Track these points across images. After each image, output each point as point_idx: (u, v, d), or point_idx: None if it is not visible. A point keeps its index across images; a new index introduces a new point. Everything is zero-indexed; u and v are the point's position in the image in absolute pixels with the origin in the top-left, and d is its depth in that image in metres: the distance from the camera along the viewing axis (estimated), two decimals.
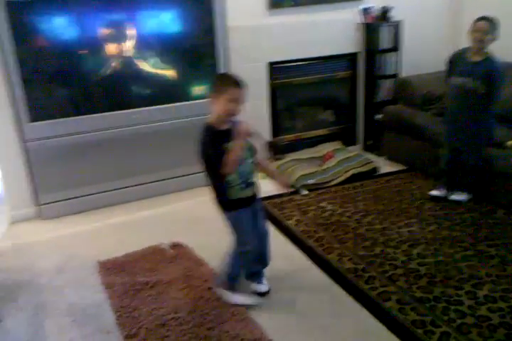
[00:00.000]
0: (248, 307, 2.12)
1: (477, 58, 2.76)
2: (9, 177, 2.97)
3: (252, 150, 2.04)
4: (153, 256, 2.51)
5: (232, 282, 2.17)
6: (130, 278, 2.31)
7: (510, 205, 2.90)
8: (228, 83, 1.92)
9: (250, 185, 2.05)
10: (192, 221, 2.95)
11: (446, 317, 2.04)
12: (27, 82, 2.78)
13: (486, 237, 2.64)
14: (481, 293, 2.18)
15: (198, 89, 3.33)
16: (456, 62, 2.87)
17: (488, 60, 2.74)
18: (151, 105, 3.17)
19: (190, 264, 2.42)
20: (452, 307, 2.10)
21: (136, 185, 3.27)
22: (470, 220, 2.83)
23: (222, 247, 2.60)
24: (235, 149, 1.88)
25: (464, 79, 2.78)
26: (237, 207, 2.03)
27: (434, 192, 3.10)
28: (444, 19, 4.11)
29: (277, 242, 2.68)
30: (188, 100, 3.28)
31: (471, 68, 2.75)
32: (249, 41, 3.44)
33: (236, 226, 2.07)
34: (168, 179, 3.36)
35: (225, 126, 1.96)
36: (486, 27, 2.67)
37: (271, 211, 3.04)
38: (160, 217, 3.04)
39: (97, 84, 3.01)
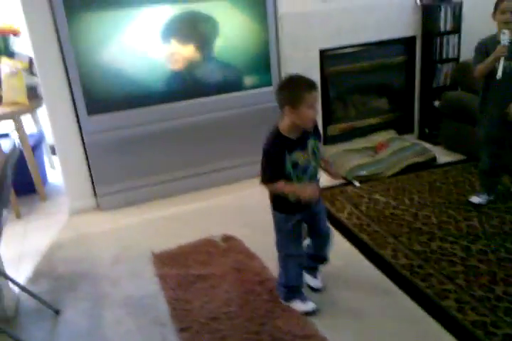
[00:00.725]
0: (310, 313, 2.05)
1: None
2: (69, 170, 3.09)
3: (317, 154, 1.91)
4: (205, 249, 2.55)
5: (292, 294, 2.09)
6: (183, 270, 2.36)
7: None
8: (304, 88, 1.75)
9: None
10: (243, 213, 2.96)
11: (508, 318, 1.93)
12: (84, 76, 2.85)
13: None
14: None
15: (250, 79, 3.32)
16: (489, 50, 2.51)
17: None
18: (204, 96, 3.19)
19: (242, 257, 2.43)
20: None
21: (189, 177, 3.31)
22: None
23: (272, 240, 2.61)
24: (292, 188, 1.83)
25: (509, 63, 2.47)
26: (287, 211, 1.95)
27: (476, 200, 2.80)
28: None
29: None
30: (241, 90, 3.28)
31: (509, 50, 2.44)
32: (301, 28, 3.35)
33: (279, 229, 2.02)
34: (220, 170, 3.38)
35: (296, 135, 1.84)
36: None
37: None
38: (211, 209, 3.07)
39: (153, 76, 3.04)
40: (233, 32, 3.16)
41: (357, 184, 3.19)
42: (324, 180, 3.36)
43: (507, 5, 2.42)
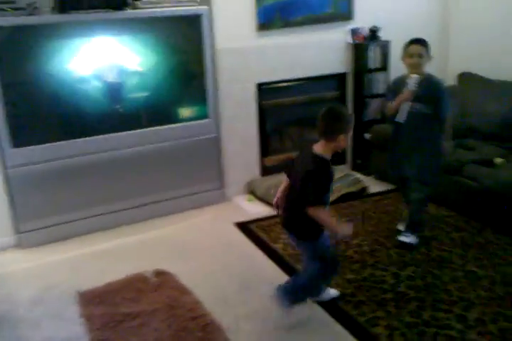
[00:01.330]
0: None
1: (418, 76, 2.56)
2: None
3: None
4: (135, 285, 2.45)
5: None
6: (111, 309, 2.25)
7: (499, 224, 2.85)
8: (350, 119, 1.99)
9: None
10: (176, 247, 2.90)
11: None
12: (9, 106, 2.75)
13: (475, 258, 2.59)
14: (471, 316, 2.12)
15: (186, 111, 3.34)
16: (399, 87, 2.61)
17: (429, 80, 2.58)
18: (138, 128, 3.16)
19: (174, 293, 2.35)
20: (442, 332, 2.04)
21: (118, 211, 3.22)
22: (459, 240, 2.78)
23: (208, 273, 2.57)
24: (334, 223, 2.00)
25: (411, 104, 2.57)
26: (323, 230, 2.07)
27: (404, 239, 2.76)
28: (432, 39, 4.13)
29: (264, 266, 2.65)
30: (177, 122, 3.28)
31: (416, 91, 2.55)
32: (238, 63, 3.45)
33: (323, 248, 2.10)
34: (154, 203, 3.32)
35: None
36: (421, 50, 2.53)
37: (258, 234, 2.99)
38: (143, 243, 2.98)
39: (79, 108, 2.99)
40: (170, 65, 3.20)
41: None
42: (262, 209, 3.41)
43: (414, 49, 2.55)
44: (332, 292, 2.34)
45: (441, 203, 3.19)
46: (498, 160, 3.08)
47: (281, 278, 2.51)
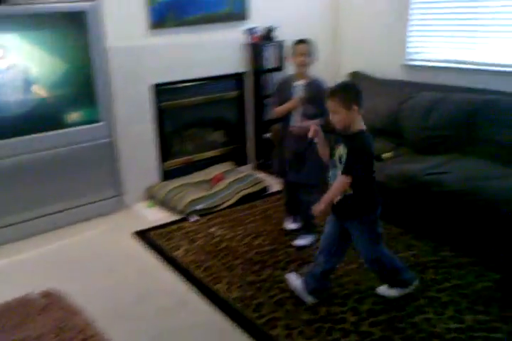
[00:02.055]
0: None
1: (305, 81, 2.65)
2: None
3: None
4: (20, 309, 2.24)
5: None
6: None
7: (388, 215, 3.01)
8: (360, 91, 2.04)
9: None
10: (65, 264, 2.71)
11: (330, 337, 2.04)
12: None
13: None
14: (363, 308, 2.21)
15: (76, 115, 3.12)
16: (285, 89, 2.70)
17: (315, 82, 2.67)
18: (17, 136, 2.88)
19: (63, 314, 2.18)
20: (337, 327, 2.10)
21: (6, 226, 2.94)
22: None
23: (103, 289, 2.43)
24: None
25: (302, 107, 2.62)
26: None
27: (292, 226, 2.91)
28: (324, 40, 4.29)
29: (162, 276, 2.56)
30: (64, 127, 3.05)
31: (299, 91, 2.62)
32: (132, 62, 3.30)
33: (375, 228, 2.17)
34: (40, 217, 3.06)
35: None
36: (308, 49, 2.61)
37: (157, 242, 2.89)
38: (31, 261, 2.75)
39: None
40: (57, 65, 2.97)
41: (192, 219, 3.17)
42: (162, 215, 3.30)
43: (301, 48, 2.63)
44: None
45: None
46: (386, 155, 3.27)
47: (180, 287, 2.45)
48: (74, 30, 3.00)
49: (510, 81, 3.15)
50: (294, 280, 2.33)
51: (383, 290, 2.32)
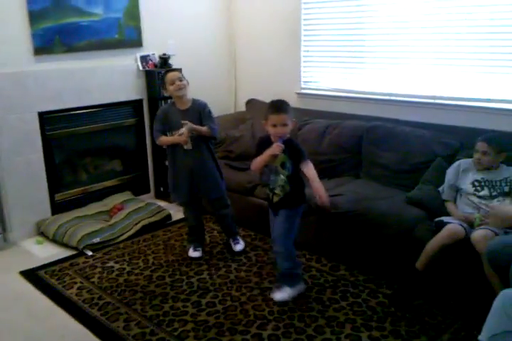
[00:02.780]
0: None
1: (186, 106, 2.77)
2: None
3: (287, 168, 2.38)
4: None
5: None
6: None
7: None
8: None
9: (275, 194, 2.43)
10: None
11: None
12: None
13: (269, 274, 2.73)
14: (265, 334, 2.21)
15: None
16: (169, 117, 2.78)
17: (196, 102, 2.79)
18: None
19: None
20: None
21: None
22: (255, 259, 2.91)
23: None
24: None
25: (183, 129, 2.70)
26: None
27: (195, 254, 2.93)
28: (222, 69, 4.39)
29: (55, 319, 2.36)
30: None
31: (183, 117, 2.72)
32: (14, 89, 3.10)
33: (295, 220, 2.48)
34: None
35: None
36: (179, 74, 2.74)
37: (48, 281, 2.67)
38: None
39: None
40: None
41: (89, 253, 2.98)
42: (54, 252, 3.07)
43: (172, 75, 2.72)
44: None
45: (239, 223, 3.27)
46: None
47: (74, 328, 2.27)
48: None
49: (390, 109, 3.45)
50: (282, 293, 2.46)
51: (280, 294, 2.44)
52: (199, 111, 2.77)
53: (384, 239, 2.61)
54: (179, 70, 2.79)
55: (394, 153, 3.10)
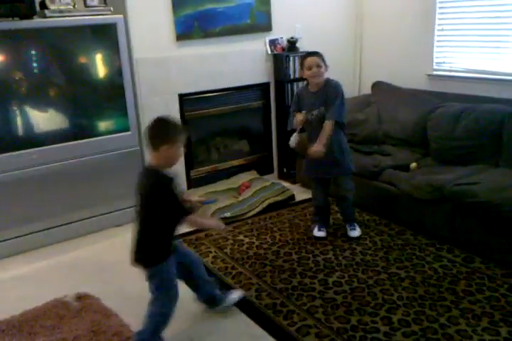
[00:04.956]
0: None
1: (317, 88, 2.80)
2: None
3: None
4: (55, 311, 2.29)
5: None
6: (28, 340, 2.08)
7: (417, 226, 3.02)
8: (179, 129, 1.95)
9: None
10: (98, 268, 2.76)
11: None
12: None
13: (396, 259, 2.71)
14: (395, 318, 2.21)
15: (106, 124, 3.20)
16: (302, 98, 2.87)
17: (328, 84, 2.79)
18: (58, 143, 2.98)
19: (98, 317, 2.23)
20: (369, 336, 2.10)
21: (36, 232, 3.02)
22: (380, 243, 2.90)
23: (132, 294, 2.46)
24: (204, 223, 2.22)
25: (315, 110, 2.79)
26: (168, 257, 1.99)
27: (319, 234, 2.99)
28: (347, 51, 4.34)
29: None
30: (97, 136, 3.14)
31: (314, 98, 2.79)
32: (158, 73, 3.38)
33: (167, 276, 2.00)
34: (71, 223, 3.14)
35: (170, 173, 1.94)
36: (318, 60, 2.72)
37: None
38: (63, 265, 2.81)
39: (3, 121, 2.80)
40: (86, 76, 3.06)
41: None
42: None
43: (310, 60, 2.73)
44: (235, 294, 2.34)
45: (363, 208, 3.32)
46: (413, 165, 3.27)
47: None
48: (103, 43, 3.09)
49: None
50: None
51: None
52: (326, 94, 2.78)
53: None
54: (319, 55, 2.78)
55: None
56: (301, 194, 3.67)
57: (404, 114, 3.61)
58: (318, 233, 3.00)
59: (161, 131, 1.92)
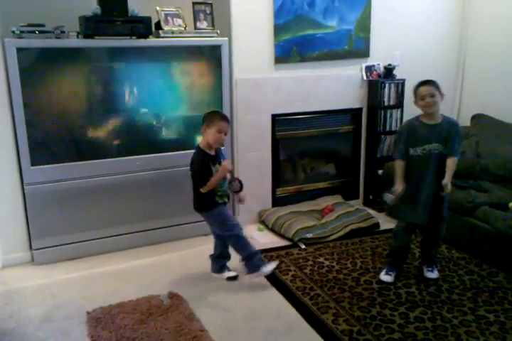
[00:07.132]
0: None
1: (435, 121, 2.64)
2: (3, 220, 2.95)
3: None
4: (147, 307, 2.45)
5: (254, 261, 2.70)
6: (118, 332, 2.23)
7: (511, 268, 2.83)
8: (216, 116, 2.67)
9: (225, 195, 2.76)
10: (186, 272, 2.91)
11: None
12: (30, 125, 2.83)
13: (486, 302, 2.56)
14: None
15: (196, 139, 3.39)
16: (414, 132, 2.66)
17: (446, 120, 2.66)
18: (152, 153, 3.21)
19: (182, 319, 2.34)
20: None
21: (131, 233, 3.26)
22: (469, 283, 2.75)
23: (215, 301, 2.55)
24: (217, 178, 2.62)
25: (429, 145, 2.63)
26: (217, 205, 2.69)
27: (385, 278, 2.78)
28: (446, 80, 4.22)
29: (271, 298, 2.64)
30: (190, 149, 3.32)
31: (431, 132, 2.62)
32: (255, 93, 3.54)
33: (221, 217, 2.69)
34: (163, 228, 3.35)
35: (212, 152, 2.67)
36: (432, 90, 2.59)
37: None
38: (154, 266, 3.00)
39: (98, 131, 3.07)
40: (188, 93, 3.28)
41: (302, 246, 3.22)
42: (271, 240, 3.41)
43: (423, 90, 2.62)
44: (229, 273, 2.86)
45: (453, 245, 3.18)
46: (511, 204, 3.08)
47: (287, 310, 2.50)
48: (208, 63, 3.30)
49: None
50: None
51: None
52: (449, 129, 2.62)
53: None
54: (433, 83, 2.62)
55: None
56: (386, 223, 3.59)
57: (505, 150, 3.43)
58: (384, 277, 2.79)
59: (204, 117, 2.69)
